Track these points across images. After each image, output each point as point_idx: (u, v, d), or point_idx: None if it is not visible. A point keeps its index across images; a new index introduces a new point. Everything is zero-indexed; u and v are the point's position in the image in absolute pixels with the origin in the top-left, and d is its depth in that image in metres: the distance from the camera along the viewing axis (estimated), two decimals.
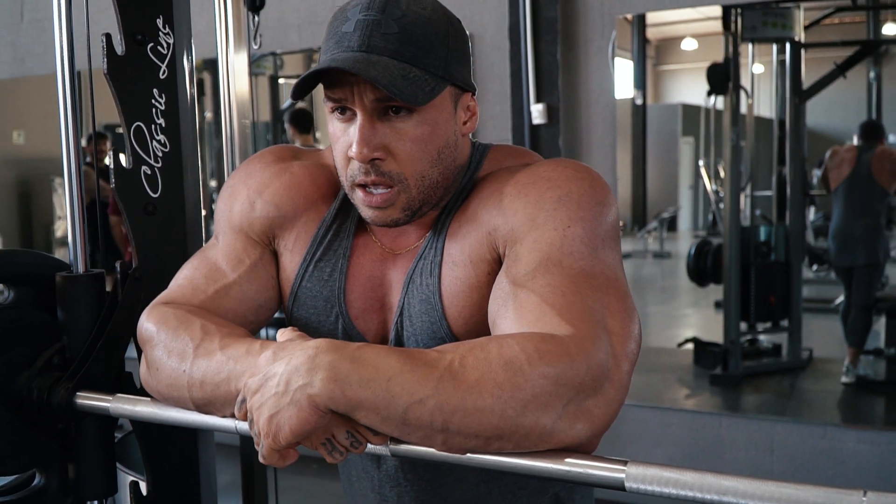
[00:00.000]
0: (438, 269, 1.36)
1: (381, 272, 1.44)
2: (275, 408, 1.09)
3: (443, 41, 1.28)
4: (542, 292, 1.20)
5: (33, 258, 1.76)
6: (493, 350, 1.09)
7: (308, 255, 1.45)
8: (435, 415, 1.06)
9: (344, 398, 1.06)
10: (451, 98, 1.33)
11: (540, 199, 1.28)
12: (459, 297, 1.35)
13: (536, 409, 1.07)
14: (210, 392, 1.27)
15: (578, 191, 1.28)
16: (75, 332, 1.67)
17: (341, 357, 1.08)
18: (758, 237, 6.34)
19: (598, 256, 1.25)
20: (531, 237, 1.26)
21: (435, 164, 1.32)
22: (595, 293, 1.20)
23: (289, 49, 5.43)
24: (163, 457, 1.74)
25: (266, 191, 1.46)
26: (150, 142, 1.72)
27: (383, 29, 1.24)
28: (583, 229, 1.26)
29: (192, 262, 1.50)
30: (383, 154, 1.28)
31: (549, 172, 1.32)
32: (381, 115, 1.27)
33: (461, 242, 1.35)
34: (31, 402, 1.61)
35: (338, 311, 1.44)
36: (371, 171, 1.28)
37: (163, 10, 1.72)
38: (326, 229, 1.45)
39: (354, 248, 1.45)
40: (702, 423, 4.74)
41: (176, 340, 1.33)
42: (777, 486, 1.02)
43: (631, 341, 1.19)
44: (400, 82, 1.22)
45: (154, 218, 1.74)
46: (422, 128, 1.28)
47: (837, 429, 4.52)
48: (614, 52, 4.49)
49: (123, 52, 1.68)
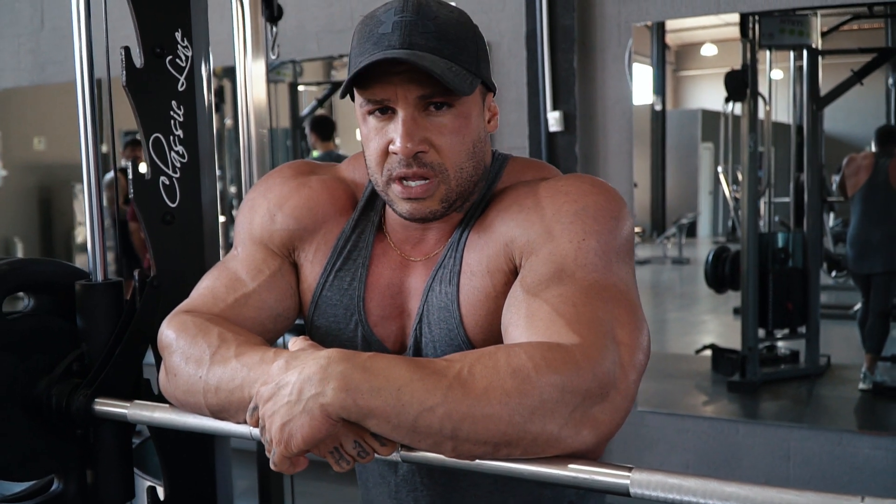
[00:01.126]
0: (457, 279, 1.41)
1: (400, 280, 1.48)
2: (287, 416, 1.12)
3: (472, 41, 1.34)
4: (553, 302, 1.23)
5: (53, 266, 1.79)
6: (501, 359, 1.12)
7: (328, 264, 1.50)
8: (444, 422, 1.09)
9: (355, 407, 1.09)
10: (481, 96, 1.39)
11: (557, 212, 1.32)
12: (477, 306, 1.39)
13: (543, 416, 1.09)
14: (224, 398, 1.30)
15: (594, 205, 1.32)
16: (94, 340, 1.71)
17: (353, 367, 1.11)
18: (776, 244, 6.32)
19: (612, 269, 1.28)
20: (547, 249, 1.30)
21: (471, 156, 1.37)
22: (606, 305, 1.23)
23: (308, 56, 5.45)
24: (180, 462, 1.77)
25: (286, 204, 1.51)
26: (169, 153, 1.75)
27: (421, 28, 1.29)
28: (597, 242, 1.29)
29: (212, 273, 1.53)
30: (426, 147, 1.32)
31: (566, 187, 1.36)
32: (422, 112, 1.31)
33: (479, 253, 1.39)
34: (50, 409, 1.64)
35: (357, 319, 1.48)
36: (413, 164, 1.32)
37: (182, 23, 1.76)
38: (346, 240, 1.50)
39: (373, 257, 1.49)
40: (719, 429, 4.73)
41: (194, 347, 1.36)
42: (778, 491, 1.04)
43: (639, 352, 1.21)
44: (448, 74, 1.26)
45: (172, 227, 1.77)
46: (459, 121, 1.34)
47: (853, 435, 4.50)
48: (631, 60, 4.50)
49: (142, 64, 1.71)
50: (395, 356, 1.16)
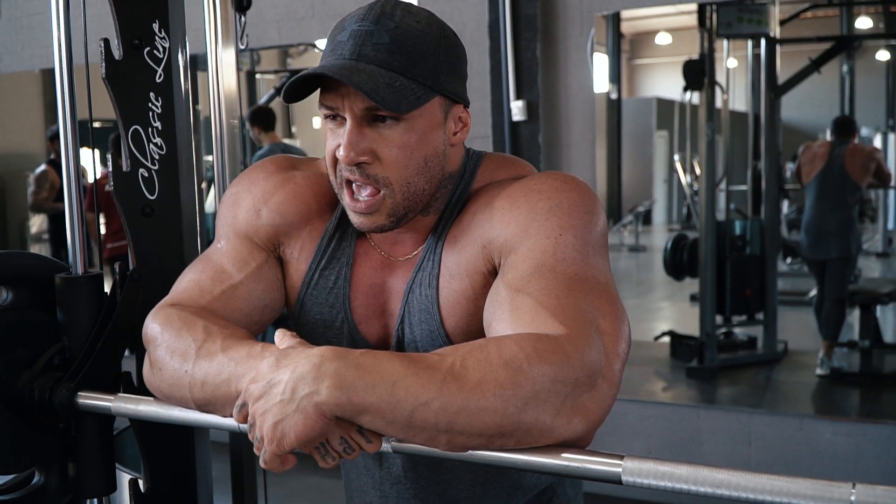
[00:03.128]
0: (436, 281, 1.42)
1: (382, 280, 1.50)
2: (280, 415, 1.11)
3: (434, 53, 1.33)
4: (536, 295, 1.24)
5: (32, 259, 1.78)
6: (493, 351, 1.12)
7: (313, 264, 1.51)
8: (440, 416, 1.10)
9: (350, 404, 1.09)
10: (441, 108, 1.37)
11: (531, 210, 1.33)
12: (456, 308, 1.41)
13: (537, 406, 1.11)
14: (210, 392, 1.30)
15: (568, 201, 1.33)
16: (75, 333, 1.70)
17: (346, 364, 1.11)
18: (733, 231, 6.40)
19: (590, 262, 1.30)
20: (525, 246, 1.31)
21: (421, 171, 1.36)
22: (587, 296, 1.24)
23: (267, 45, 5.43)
24: (161, 455, 1.77)
25: (271, 199, 1.51)
26: (148, 145, 1.74)
27: (375, 39, 1.29)
28: (574, 237, 1.30)
29: (195, 266, 1.53)
30: (370, 158, 1.32)
31: (539, 185, 1.36)
32: (370, 123, 1.32)
33: (457, 256, 1.41)
34: (32, 402, 1.63)
35: (343, 317, 1.49)
36: (356, 172, 1.33)
37: (159, 14, 1.75)
38: (329, 238, 1.51)
39: (357, 256, 1.50)
40: (680, 415, 4.79)
41: (179, 341, 1.35)
42: (769, 478, 1.07)
43: (621, 341, 1.23)
44: (384, 90, 1.26)
45: (151, 220, 1.76)
46: (408, 135, 1.33)
47: (814, 420, 4.58)
48: (593, 49, 4.53)
49: (121, 56, 1.70)
50: (388, 352, 1.16)
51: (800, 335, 6.79)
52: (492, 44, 4.60)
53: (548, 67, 4.58)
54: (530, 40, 4.53)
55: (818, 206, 6.16)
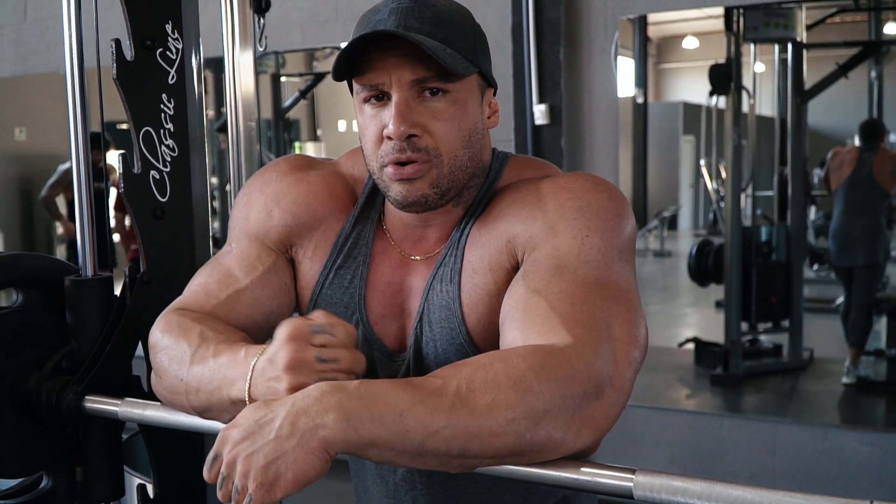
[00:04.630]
0: (458, 277, 1.38)
1: (401, 278, 1.45)
2: (274, 453, 1.04)
3: (471, 31, 1.34)
4: (551, 299, 1.21)
5: (42, 261, 1.77)
6: (500, 370, 1.09)
7: (328, 262, 1.47)
8: (451, 443, 1.06)
9: (357, 437, 1.04)
10: (479, 88, 1.37)
11: (560, 208, 1.31)
12: (479, 304, 1.37)
13: (548, 424, 1.08)
14: (205, 399, 1.28)
15: (598, 202, 1.31)
16: (84, 336, 1.68)
17: (348, 395, 1.06)
18: (759, 237, 6.35)
19: (613, 267, 1.27)
20: (549, 244, 1.29)
21: (466, 145, 1.34)
22: (605, 302, 1.22)
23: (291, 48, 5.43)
24: (170, 459, 1.75)
25: (284, 199, 1.48)
26: (159, 146, 1.73)
27: (417, 14, 1.28)
28: (601, 239, 1.28)
29: (205, 269, 1.51)
30: (420, 131, 1.29)
31: (569, 184, 1.34)
32: (417, 97, 1.30)
33: (481, 250, 1.37)
34: (40, 405, 1.62)
35: (358, 318, 1.45)
36: (407, 148, 1.29)
37: (172, 15, 1.73)
38: (346, 237, 1.47)
39: (374, 255, 1.46)
40: (703, 423, 4.75)
41: (176, 347, 1.34)
42: (785, 495, 1.03)
43: (635, 349, 1.20)
44: (441, 52, 1.25)
45: (162, 222, 1.75)
46: (455, 107, 1.31)
47: (839, 430, 4.52)
48: (617, 53, 4.49)
49: (133, 57, 1.69)
50: (386, 380, 1.11)
51: (826, 343, 6.73)
52: (515, 47, 4.57)
53: (571, 71, 4.54)
54: (553, 44, 4.50)
55: (846, 211, 6.10)
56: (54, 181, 6.74)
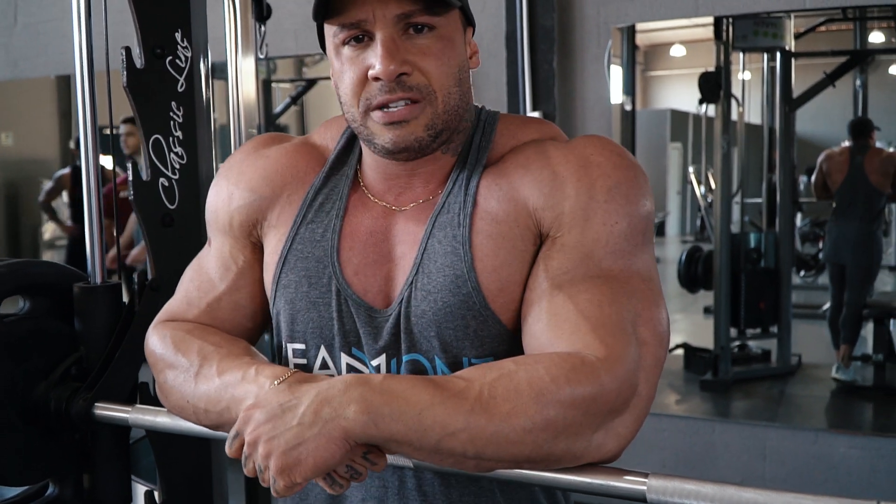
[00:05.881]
0: (469, 221, 1.29)
1: (385, 227, 1.35)
2: (296, 440, 1.06)
3: None
4: (579, 302, 1.19)
5: (50, 268, 1.78)
6: (523, 378, 1.09)
7: (297, 218, 1.39)
8: (468, 446, 1.08)
9: (377, 430, 1.06)
10: (461, 25, 1.31)
11: (591, 187, 1.25)
12: (498, 250, 1.28)
13: (568, 437, 1.10)
14: (215, 419, 1.29)
15: (627, 182, 1.26)
16: (93, 343, 1.69)
17: (371, 390, 1.08)
18: (748, 244, 6.37)
19: (638, 255, 1.25)
20: (578, 230, 1.24)
21: (457, 83, 1.27)
22: (630, 300, 1.20)
23: (285, 54, 5.43)
24: (176, 466, 1.76)
25: (242, 180, 1.42)
26: (168, 154, 1.74)
27: None
28: (628, 225, 1.24)
29: (188, 273, 1.49)
30: (409, 68, 1.22)
31: (597, 157, 1.27)
32: (402, 34, 1.22)
33: (503, 204, 1.29)
34: (48, 412, 1.63)
35: (331, 272, 1.34)
36: (397, 88, 1.22)
37: (181, 24, 1.75)
38: (316, 193, 1.39)
39: (350, 208, 1.37)
40: (695, 428, 4.76)
41: (177, 366, 1.34)
42: (795, 497, 1.06)
43: (660, 348, 1.21)
44: None
45: (171, 229, 1.76)
46: (442, 43, 1.25)
47: (828, 434, 4.55)
48: (610, 61, 4.51)
49: (143, 65, 1.70)
50: (411, 377, 1.12)
51: (814, 348, 6.75)
52: (509, 55, 4.58)
53: (564, 79, 4.56)
54: (547, 52, 4.51)
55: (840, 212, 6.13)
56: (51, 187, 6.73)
